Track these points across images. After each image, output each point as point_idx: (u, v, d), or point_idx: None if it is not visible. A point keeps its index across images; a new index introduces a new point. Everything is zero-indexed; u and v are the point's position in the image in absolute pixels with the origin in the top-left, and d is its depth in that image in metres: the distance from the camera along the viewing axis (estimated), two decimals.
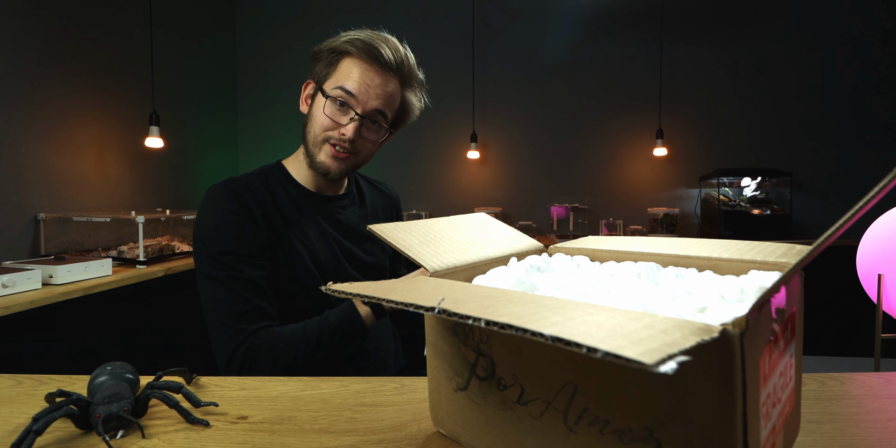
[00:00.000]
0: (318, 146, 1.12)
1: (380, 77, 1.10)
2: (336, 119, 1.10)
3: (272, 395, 0.68)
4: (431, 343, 0.52)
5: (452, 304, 0.35)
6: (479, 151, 3.88)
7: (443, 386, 0.51)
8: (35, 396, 0.68)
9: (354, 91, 1.08)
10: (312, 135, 1.13)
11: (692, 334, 0.28)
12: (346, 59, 1.10)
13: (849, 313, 3.15)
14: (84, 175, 2.70)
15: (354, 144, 1.11)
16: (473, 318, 0.32)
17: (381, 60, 1.09)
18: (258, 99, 4.12)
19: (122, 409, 0.56)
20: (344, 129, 1.09)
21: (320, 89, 1.12)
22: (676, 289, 0.44)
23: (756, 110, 3.69)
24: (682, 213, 3.76)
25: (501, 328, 0.30)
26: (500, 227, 0.70)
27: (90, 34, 2.72)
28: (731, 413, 0.32)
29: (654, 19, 3.73)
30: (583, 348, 0.26)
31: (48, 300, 1.81)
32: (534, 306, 0.34)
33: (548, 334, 0.27)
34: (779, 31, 3.64)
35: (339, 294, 0.42)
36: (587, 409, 0.39)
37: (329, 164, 1.12)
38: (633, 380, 0.36)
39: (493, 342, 0.44)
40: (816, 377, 0.71)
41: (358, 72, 1.09)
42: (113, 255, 2.45)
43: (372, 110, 1.10)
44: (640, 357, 0.24)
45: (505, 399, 0.44)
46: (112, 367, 0.62)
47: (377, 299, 0.39)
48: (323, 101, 1.10)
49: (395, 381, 0.73)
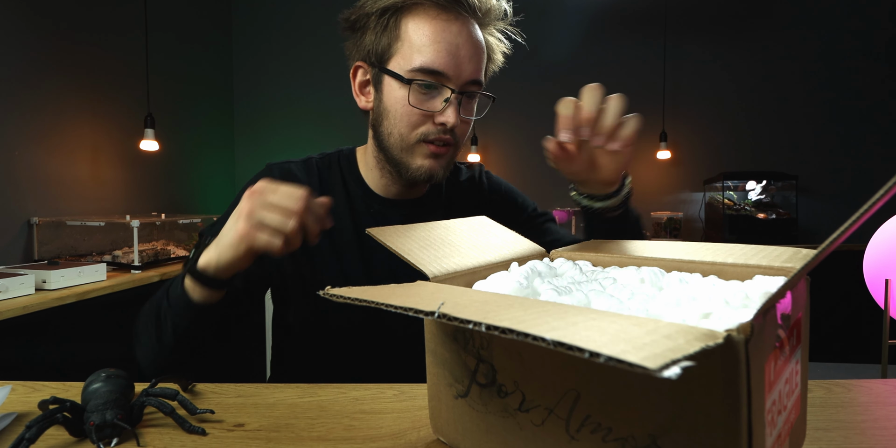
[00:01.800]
0: (411, 149, 0.88)
1: (464, 28, 0.85)
2: (426, 107, 0.86)
3: (269, 403, 0.68)
4: (431, 349, 0.52)
5: (452, 309, 0.35)
6: (480, 154, 3.88)
7: (443, 393, 0.51)
8: (28, 403, 0.68)
9: (443, 66, 0.83)
10: (399, 137, 0.88)
11: (696, 340, 0.28)
12: (408, 18, 0.85)
13: (855, 319, 3.15)
14: (78, 178, 2.70)
15: (455, 131, 0.88)
16: (474, 323, 0.32)
17: (465, 1, 0.84)
18: (255, 101, 4.13)
19: (117, 416, 0.56)
20: (442, 117, 0.85)
21: (387, 72, 0.86)
22: (680, 294, 0.45)
23: (761, 113, 3.69)
24: (686, 218, 3.76)
25: (502, 333, 0.30)
26: (501, 231, 0.70)
27: (84, 35, 2.73)
28: (736, 420, 0.32)
29: (658, 20, 3.74)
30: (585, 353, 0.26)
31: (41, 306, 1.81)
32: (535, 311, 0.34)
33: (549, 339, 0.27)
34: (784, 32, 3.65)
35: (336, 298, 0.42)
36: (589, 417, 0.39)
37: (432, 167, 0.89)
38: (636, 387, 0.36)
39: (494, 348, 0.44)
40: (822, 384, 0.71)
41: (434, 32, 0.83)
42: (107, 259, 2.45)
43: (468, 81, 0.87)
44: (642, 362, 0.24)
45: (506, 406, 0.44)
46: (106, 374, 0.62)
47: (375, 304, 0.39)
48: (402, 91, 0.85)
49: (395, 387, 0.73)
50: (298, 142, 4.01)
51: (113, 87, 2.91)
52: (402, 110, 0.86)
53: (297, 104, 4.02)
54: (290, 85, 4.03)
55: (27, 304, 1.76)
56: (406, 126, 0.87)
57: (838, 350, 3.20)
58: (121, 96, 2.96)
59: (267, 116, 4.11)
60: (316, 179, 0.97)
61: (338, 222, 0.93)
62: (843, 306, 3.12)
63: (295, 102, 4.03)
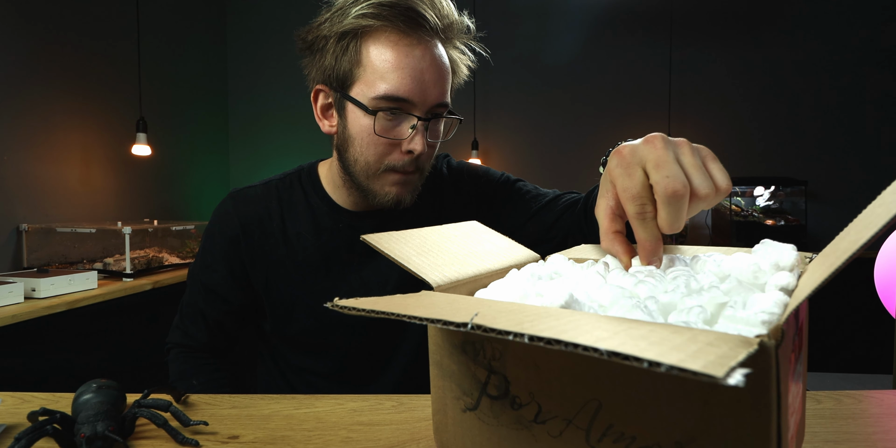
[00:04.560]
0: (378, 177, 0.89)
1: (428, 52, 0.84)
2: (393, 135, 0.85)
3: (264, 414, 0.68)
4: (436, 361, 0.51)
5: (485, 320, 0.35)
6: (481, 158, 3.89)
7: (449, 407, 0.51)
8: (17, 415, 0.68)
9: (408, 93, 0.82)
10: (365, 164, 0.88)
11: (738, 347, 0.29)
12: (369, 43, 0.83)
13: (866, 328, 3.15)
14: (68, 184, 2.70)
15: (421, 157, 0.87)
16: (515, 334, 0.32)
17: (427, 23, 0.82)
18: (250, 105, 4.14)
19: (108, 428, 0.56)
20: (410, 145, 0.85)
21: (350, 100, 0.85)
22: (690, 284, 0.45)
23: (769, 117, 3.70)
24: (693, 224, 3.77)
25: (547, 343, 0.30)
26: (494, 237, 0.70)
27: (74, 38, 2.74)
28: (767, 424, 0.33)
29: (663, 23, 3.76)
30: (643, 363, 0.26)
31: (31, 314, 1.81)
32: (567, 321, 0.34)
33: (603, 349, 0.28)
34: (791, 35, 3.67)
35: (347, 310, 0.42)
36: (612, 426, 0.39)
37: (399, 193, 0.89)
38: (662, 394, 0.36)
39: (507, 359, 0.44)
40: (832, 395, 0.71)
41: (397, 58, 0.82)
42: (98, 267, 2.45)
43: (434, 105, 0.86)
44: (706, 369, 0.24)
45: (520, 418, 0.44)
46: (97, 385, 0.62)
47: (396, 315, 0.39)
48: (366, 119, 0.84)
49: (393, 398, 0.73)
50: (293, 146, 4.02)
51: (104, 90, 2.92)
52: (367, 139, 0.85)
53: (293, 108, 4.03)
54: (285, 89, 4.04)
55: (16, 312, 1.76)
56: (373, 155, 0.86)
57: (848, 360, 3.19)
58: (112, 100, 2.97)
59: (262, 121, 4.12)
60: (276, 202, 0.98)
61: (302, 240, 0.96)
62: (854, 315, 3.12)
63: (290, 107, 4.04)
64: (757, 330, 0.36)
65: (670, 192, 0.48)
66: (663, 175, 0.49)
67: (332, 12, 0.86)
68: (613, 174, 0.54)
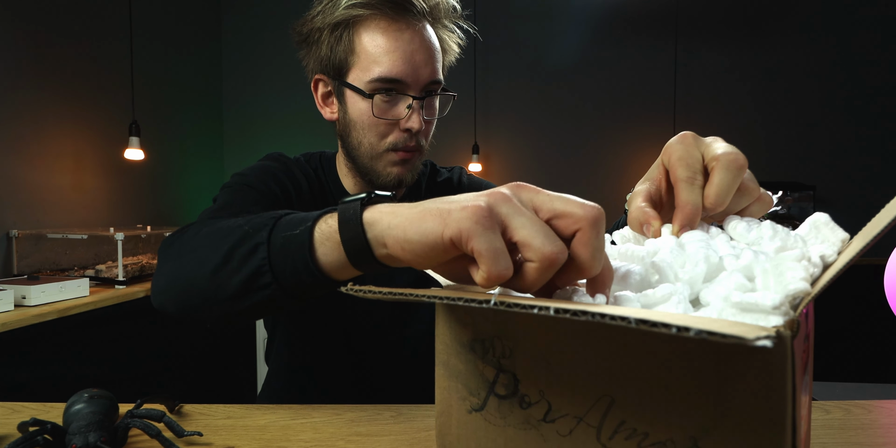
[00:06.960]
0: (380, 157, 0.94)
1: (417, 35, 0.90)
2: (391, 116, 0.91)
3: (260, 424, 0.68)
4: (443, 361, 0.51)
5: (508, 298, 0.36)
6: (482, 163, 3.89)
7: (454, 408, 0.51)
8: (7, 425, 0.68)
9: (401, 74, 0.88)
10: (368, 146, 0.93)
11: (757, 329, 0.30)
12: (360, 31, 0.89)
13: (876, 337, 3.14)
14: (59, 189, 2.71)
15: (420, 135, 0.93)
16: (540, 307, 0.33)
17: (413, 8, 0.88)
18: (245, 109, 4.14)
19: (100, 438, 0.56)
20: (407, 123, 0.91)
21: (348, 86, 0.92)
22: None
23: (776, 121, 3.71)
24: None
25: (573, 315, 0.32)
26: None
27: (64, 40, 2.75)
28: (782, 417, 0.33)
29: (668, 24, 3.77)
30: (672, 328, 0.28)
31: (21, 323, 1.81)
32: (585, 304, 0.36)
33: (632, 317, 0.29)
34: (799, 38, 3.68)
35: (364, 293, 0.41)
36: (624, 422, 0.39)
37: (400, 173, 0.94)
38: (677, 388, 0.37)
39: (517, 356, 0.44)
40: (841, 405, 0.71)
41: (388, 42, 0.88)
42: (90, 274, 2.45)
43: (427, 83, 0.91)
44: (736, 332, 0.26)
45: (528, 417, 0.44)
46: (89, 395, 0.62)
47: (415, 296, 0.39)
48: (364, 103, 0.90)
49: (392, 408, 0.73)
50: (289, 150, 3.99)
51: (96, 93, 2.92)
52: (367, 121, 0.91)
53: (289, 112, 4.03)
54: (281, 92, 4.05)
55: (6, 321, 1.76)
56: (374, 136, 0.92)
57: (858, 369, 3.19)
58: (104, 103, 2.97)
59: (257, 125, 4.13)
60: (305, 179, 1.00)
61: None
62: (863, 323, 3.12)
63: (286, 110, 4.04)
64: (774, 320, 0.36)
65: (732, 159, 0.52)
66: (728, 151, 0.53)
67: (324, 5, 0.91)
68: (672, 148, 0.56)
